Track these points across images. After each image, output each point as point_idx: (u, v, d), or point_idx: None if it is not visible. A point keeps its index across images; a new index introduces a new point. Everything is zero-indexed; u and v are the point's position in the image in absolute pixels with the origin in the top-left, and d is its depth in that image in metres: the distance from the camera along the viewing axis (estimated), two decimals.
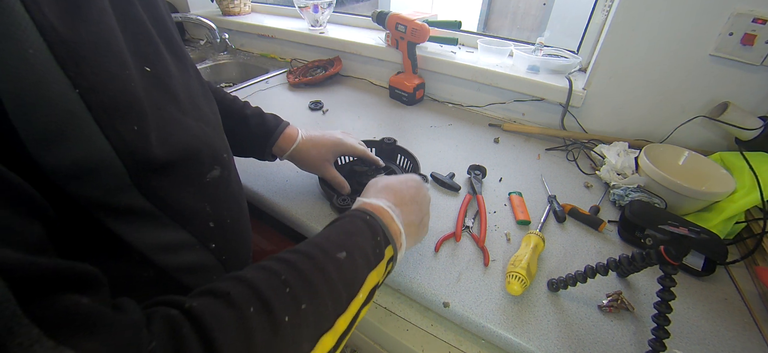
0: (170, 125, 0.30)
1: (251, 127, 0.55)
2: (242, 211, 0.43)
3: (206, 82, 0.49)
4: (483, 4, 2.10)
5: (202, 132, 0.34)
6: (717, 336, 0.45)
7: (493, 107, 0.97)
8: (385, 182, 0.43)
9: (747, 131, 0.65)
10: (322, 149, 0.57)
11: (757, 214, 0.58)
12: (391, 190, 0.42)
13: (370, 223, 0.36)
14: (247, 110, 0.56)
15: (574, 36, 0.96)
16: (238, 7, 1.40)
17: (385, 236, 0.36)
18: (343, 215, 0.38)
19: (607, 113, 0.83)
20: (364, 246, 0.33)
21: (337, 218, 0.38)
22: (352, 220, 0.36)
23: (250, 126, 0.55)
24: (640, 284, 0.50)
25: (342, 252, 0.31)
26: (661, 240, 0.38)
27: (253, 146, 0.56)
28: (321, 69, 1.16)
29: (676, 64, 0.72)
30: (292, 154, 0.57)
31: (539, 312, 0.46)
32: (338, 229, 0.35)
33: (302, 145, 0.56)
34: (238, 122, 0.54)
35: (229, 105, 0.55)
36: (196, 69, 0.40)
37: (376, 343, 0.57)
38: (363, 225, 0.35)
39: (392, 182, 0.43)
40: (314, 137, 0.57)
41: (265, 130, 0.55)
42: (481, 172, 0.69)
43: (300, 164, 0.58)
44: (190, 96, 0.35)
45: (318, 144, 0.57)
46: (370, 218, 0.36)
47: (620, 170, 0.69)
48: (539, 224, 0.59)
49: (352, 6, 1.72)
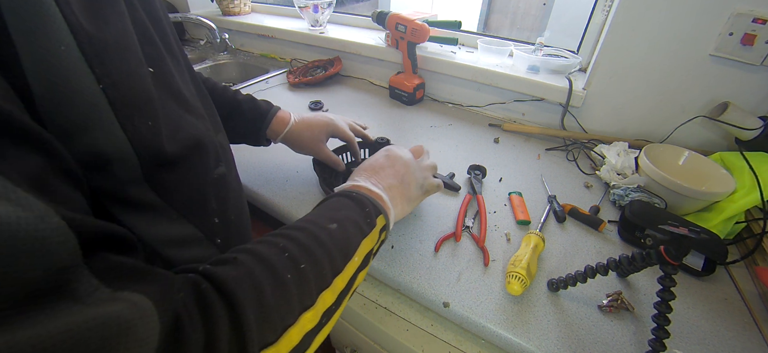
0: (177, 122, 0.31)
1: (244, 112, 0.56)
2: (244, 209, 0.44)
3: (199, 75, 0.51)
4: (483, 4, 2.10)
5: (205, 129, 0.35)
6: (717, 336, 0.45)
7: (493, 107, 0.97)
8: (357, 168, 0.46)
9: (747, 131, 0.64)
10: (315, 129, 0.59)
11: (757, 214, 0.58)
12: (362, 168, 0.45)
13: (356, 198, 0.38)
14: (239, 96, 0.57)
15: (574, 36, 0.96)
16: (238, 7, 1.40)
17: (375, 207, 0.38)
18: (327, 196, 0.40)
19: (607, 113, 0.83)
20: (354, 218, 0.35)
21: (322, 200, 0.39)
22: (337, 199, 0.38)
23: (244, 111, 0.56)
24: (640, 284, 0.50)
25: (333, 224, 0.33)
26: (661, 240, 0.38)
27: (247, 132, 0.58)
28: (321, 69, 1.16)
29: (676, 64, 0.72)
30: (285, 136, 0.58)
31: (539, 312, 0.46)
32: (325, 207, 0.37)
33: (295, 127, 0.58)
34: (232, 109, 0.56)
35: (221, 93, 0.56)
36: (191, 68, 0.41)
37: (376, 343, 0.57)
38: (348, 201, 0.37)
39: (362, 164, 0.46)
40: (306, 119, 0.59)
41: (258, 114, 0.57)
42: (481, 172, 0.69)
43: (294, 146, 0.60)
44: (189, 95, 0.36)
45: (311, 125, 0.59)
46: (355, 194, 0.38)
47: (620, 170, 0.69)
48: (539, 224, 0.59)
49: (352, 6, 1.72)
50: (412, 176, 0.46)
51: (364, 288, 0.55)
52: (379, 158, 0.46)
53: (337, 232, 0.33)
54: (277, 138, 0.59)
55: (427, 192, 0.48)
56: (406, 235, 0.56)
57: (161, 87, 0.30)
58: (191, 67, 0.41)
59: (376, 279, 0.55)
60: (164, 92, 0.30)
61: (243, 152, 0.74)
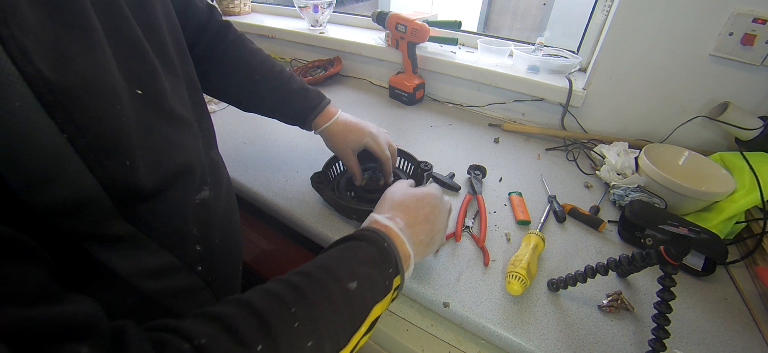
0: (162, 149, 0.30)
1: (294, 103, 0.58)
2: (232, 231, 0.42)
3: (255, 55, 0.55)
4: (483, 4, 2.10)
5: (195, 150, 0.34)
6: (717, 336, 0.45)
7: (493, 107, 0.97)
8: (401, 198, 0.42)
9: (747, 131, 0.64)
10: (349, 135, 0.59)
11: (757, 214, 0.58)
12: (407, 209, 0.40)
13: (386, 252, 0.34)
14: (293, 84, 0.58)
15: (574, 36, 0.96)
16: (238, 7, 1.40)
17: (396, 267, 0.34)
18: (361, 233, 0.36)
19: (607, 113, 0.83)
20: (376, 278, 0.32)
21: (353, 235, 0.36)
22: (369, 245, 0.34)
23: (293, 103, 0.58)
24: (640, 284, 0.50)
25: (353, 282, 0.30)
26: (661, 240, 0.38)
27: (295, 119, 0.60)
28: (321, 69, 1.16)
29: (676, 64, 0.72)
30: (323, 131, 0.59)
31: (539, 312, 0.46)
32: (354, 251, 0.33)
33: (333, 126, 0.59)
34: (284, 97, 0.58)
35: (276, 78, 0.58)
36: (192, 78, 0.40)
37: (376, 343, 0.57)
38: (378, 255, 0.33)
39: (408, 200, 0.41)
40: (348, 122, 0.60)
41: (308, 106, 0.58)
42: (481, 172, 0.69)
43: (327, 142, 0.61)
44: (183, 111, 0.35)
45: (348, 129, 0.59)
46: (387, 246, 0.34)
47: (620, 170, 0.69)
48: (539, 224, 0.59)
49: (352, 6, 1.72)
50: (440, 237, 0.42)
51: None
52: (425, 206, 0.41)
53: (355, 294, 0.30)
54: (317, 130, 0.60)
55: (440, 245, 0.45)
56: None
57: (150, 108, 0.29)
58: (192, 77, 0.40)
59: None
60: (153, 114, 0.29)
61: (243, 152, 0.75)
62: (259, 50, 0.59)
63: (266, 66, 0.58)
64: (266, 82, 0.57)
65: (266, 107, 0.60)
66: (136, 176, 0.26)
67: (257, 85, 0.57)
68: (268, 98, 0.58)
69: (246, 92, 0.58)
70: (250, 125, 0.85)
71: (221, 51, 0.56)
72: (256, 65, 0.57)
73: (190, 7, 0.52)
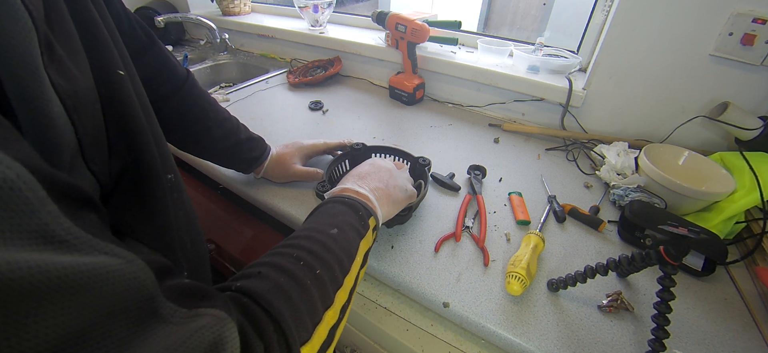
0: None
1: (243, 152, 0.61)
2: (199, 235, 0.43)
3: (204, 93, 0.56)
4: (483, 4, 2.10)
5: (158, 147, 0.34)
6: (717, 336, 0.45)
7: (493, 107, 0.97)
8: (345, 176, 0.50)
9: (747, 131, 0.64)
10: (282, 162, 0.63)
11: (757, 214, 0.58)
12: (350, 176, 0.49)
13: (348, 202, 0.41)
14: (241, 135, 0.60)
15: (574, 36, 0.96)
16: (238, 7, 1.40)
17: (365, 209, 0.41)
18: (322, 203, 0.42)
19: (607, 113, 0.83)
20: (351, 221, 0.38)
21: (317, 206, 0.42)
22: (332, 205, 0.41)
23: (242, 152, 0.61)
24: (640, 284, 0.50)
25: (334, 229, 0.36)
26: (661, 240, 0.38)
27: (239, 168, 0.64)
28: (321, 69, 1.16)
29: (676, 64, 0.72)
30: (265, 172, 0.64)
31: (539, 312, 0.46)
32: (322, 214, 0.39)
33: (269, 163, 0.63)
34: (233, 146, 0.59)
35: (227, 130, 0.58)
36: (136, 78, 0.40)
37: (376, 343, 0.57)
38: (343, 207, 0.40)
39: (349, 173, 0.50)
40: (275, 155, 0.64)
41: (252, 157, 0.62)
42: (481, 172, 0.69)
43: (272, 177, 0.65)
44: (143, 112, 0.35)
45: (280, 160, 0.64)
46: (347, 199, 0.41)
47: (620, 170, 0.69)
48: (539, 224, 0.59)
49: (352, 6, 1.72)
50: (396, 180, 0.50)
51: (364, 288, 0.55)
52: (365, 167, 0.50)
53: (339, 236, 0.36)
54: (259, 175, 0.65)
55: (409, 197, 0.51)
56: (406, 235, 0.56)
57: (111, 113, 0.30)
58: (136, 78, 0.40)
59: (376, 279, 0.55)
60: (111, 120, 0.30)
61: None
62: (208, 94, 0.58)
63: (219, 116, 0.57)
64: (218, 130, 0.56)
65: (212, 152, 0.59)
66: (109, 172, 0.28)
67: (210, 132, 0.56)
68: (219, 143, 0.57)
69: (200, 139, 0.56)
70: (250, 125, 0.84)
71: (186, 106, 0.54)
72: (210, 112, 0.56)
73: (166, 68, 0.51)
